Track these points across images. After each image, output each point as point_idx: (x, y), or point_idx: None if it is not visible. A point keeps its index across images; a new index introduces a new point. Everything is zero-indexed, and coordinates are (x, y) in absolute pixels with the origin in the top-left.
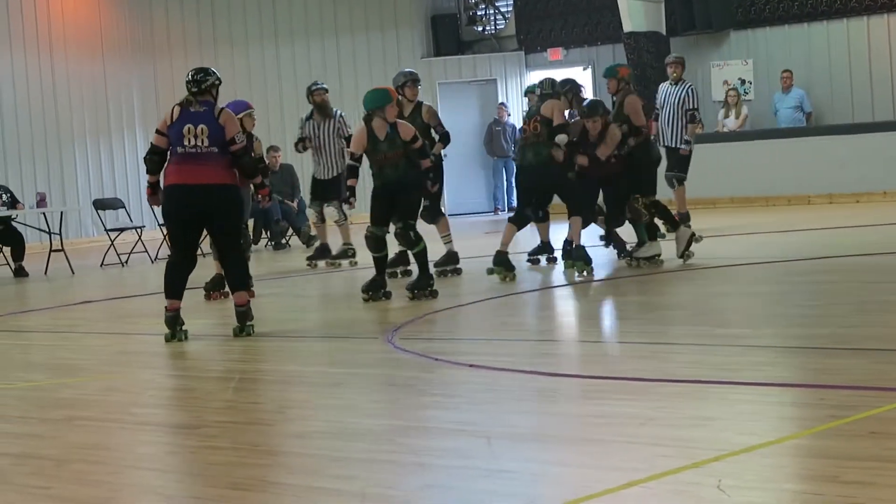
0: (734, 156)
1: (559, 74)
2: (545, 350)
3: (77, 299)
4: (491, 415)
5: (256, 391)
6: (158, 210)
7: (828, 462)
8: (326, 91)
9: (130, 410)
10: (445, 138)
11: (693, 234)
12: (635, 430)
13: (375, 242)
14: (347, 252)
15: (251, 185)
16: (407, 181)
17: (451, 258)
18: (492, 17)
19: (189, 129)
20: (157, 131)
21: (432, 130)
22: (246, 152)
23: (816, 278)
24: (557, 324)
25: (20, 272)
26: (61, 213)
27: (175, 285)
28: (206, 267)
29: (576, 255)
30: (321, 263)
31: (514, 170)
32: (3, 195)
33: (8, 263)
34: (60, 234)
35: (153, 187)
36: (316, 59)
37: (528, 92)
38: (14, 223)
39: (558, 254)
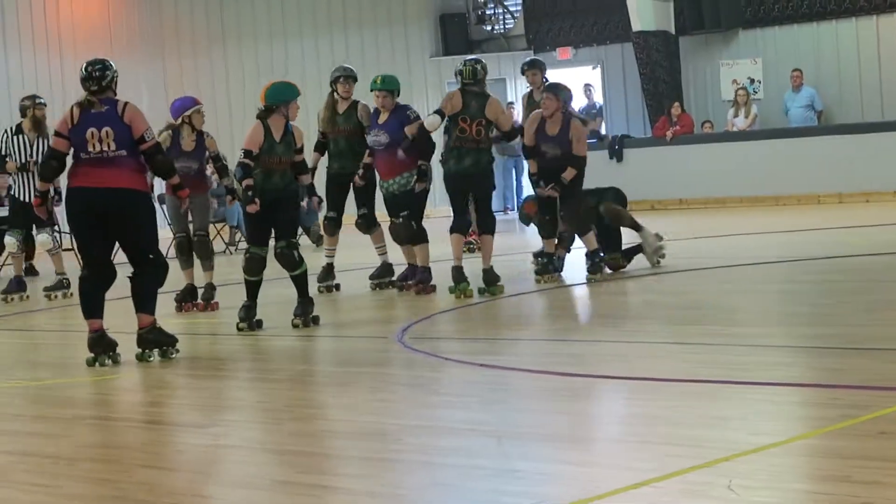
0: (743, 155)
1: (568, 74)
2: (555, 349)
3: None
4: (500, 414)
5: (265, 390)
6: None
7: (839, 462)
8: (45, 106)
9: (139, 409)
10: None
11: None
12: (646, 429)
13: (258, 265)
14: (63, 282)
15: (220, 188)
16: (290, 193)
17: (387, 270)
18: (500, 16)
19: (92, 133)
20: (57, 133)
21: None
22: (158, 151)
23: (827, 278)
24: (567, 323)
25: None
26: None
27: (91, 302)
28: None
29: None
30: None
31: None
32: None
33: None
34: (70, 233)
35: (43, 196)
36: (324, 55)
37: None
38: None
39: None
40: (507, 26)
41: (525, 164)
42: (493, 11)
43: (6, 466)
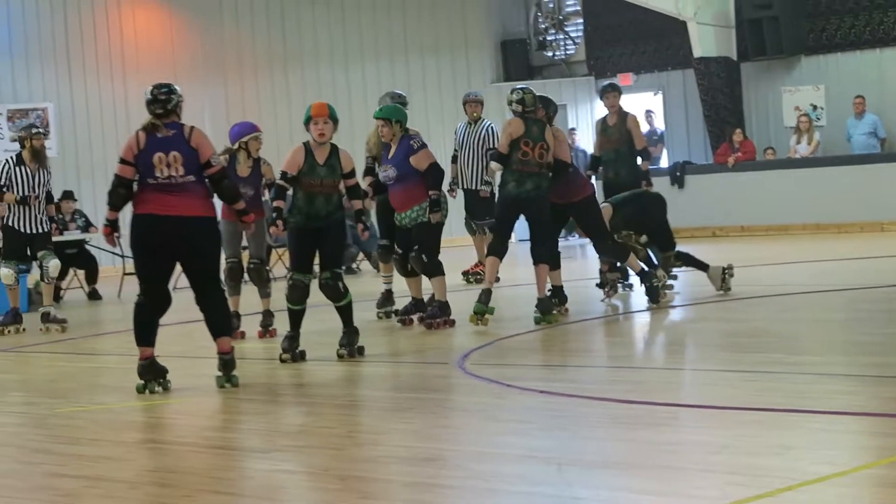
0: (806, 182)
1: (629, 99)
2: (617, 377)
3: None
4: (562, 441)
5: (327, 415)
6: None
7: None
8: (43, 136)
9: (203, 434)
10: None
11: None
12: (708, 457)
13: (300, 293)
14: (16, 317)
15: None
16: (335, 221)
17: (387, 299)
18: (562, 43)
19: (160, 157)
20: (123, 161)
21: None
22: (224, 176)
23: (890, 306)
24: (629, 350)
25: (94, 295)
26: None
27: (145, 330)
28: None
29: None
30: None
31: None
32: (78, 219)
33: (82, 286)
34: (133, 258)
35: (113, 225)
36: (385, 79)
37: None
38: (88, 246)
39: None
40: (567, 52)
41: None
42: (554, 37)
43: (78, 491)
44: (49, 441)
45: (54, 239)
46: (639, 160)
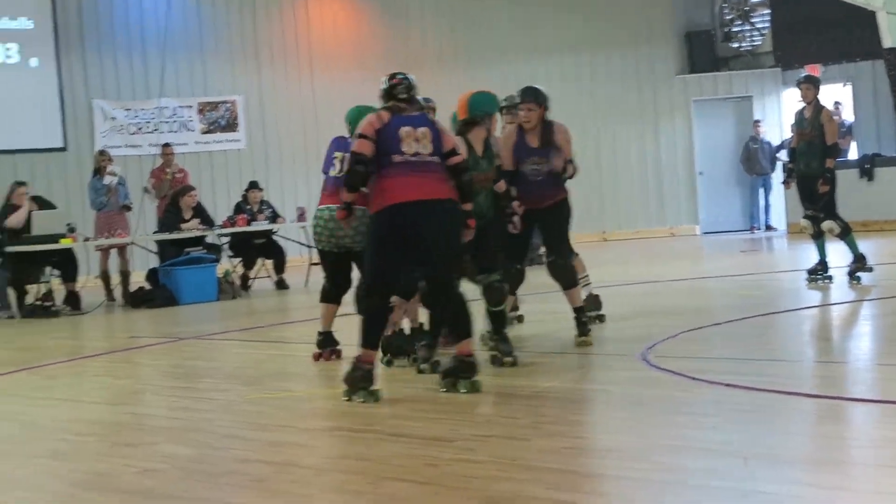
0: None
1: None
2: (804, 371)
3: (338, 312)
4: (748, 435)
5: (512, 406)
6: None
7: None
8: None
9: (388, 422)
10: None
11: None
12: None
13: (502, 293)
14: None
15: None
16: (497, 219)
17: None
18: (748, 33)
19: (408, 131)
20: (362, 136)
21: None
22: (468, 167)
23: None
24: (818, 344)
25: (281, 284)
26: None
27: (376, 332)
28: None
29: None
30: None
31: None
32: (266, 209)
33: (270, 276)
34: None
35: (349, 208)
36: (568, 74)
37: None
38: (275, 237)
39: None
40: (754, 43)
41: (773, 182)
42: (740, 28)
43: (267, 476)
44: (238, 427)
45: (242, 229)
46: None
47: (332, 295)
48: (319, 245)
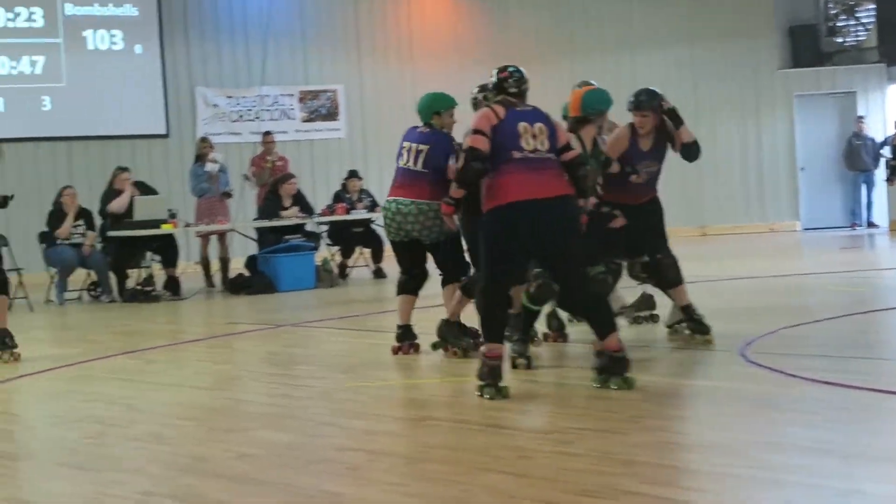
0: None
1: None
2: None
3: (436, 302)
4: (847, 434)
5: (610, 399)
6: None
7: None
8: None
9: (483, 413)
10: None
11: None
12: None
13: (606, 285)
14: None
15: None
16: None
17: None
18: (852, 29)
19: (525, 127)
20: (478, 131)
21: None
22: (584, 162)
23: None
24: None
25: (379, 273)
26: None
27: (497, 326)
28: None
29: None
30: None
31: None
32: (365, 198)
33: (368, 264)
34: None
35: (457, 204)
36: (669, 67)
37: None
38: (374, 226)
39: None
40: (858, 38)
41: (876, 178)
42: (844, 23)
43: (362, 464)
44: (334, 415)
45: (341, 217)
46: None
47: (408, 286)
48: (389, 236)
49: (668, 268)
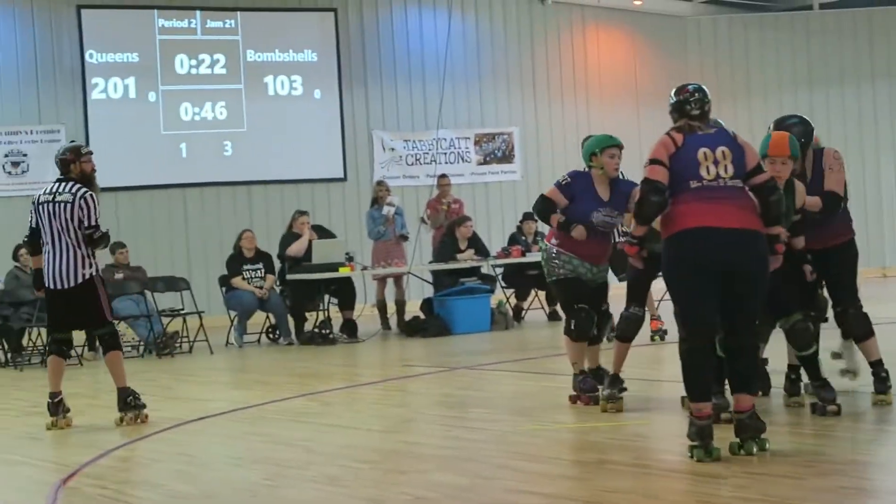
0: None
1: None
2: None
3: (610, 345)
4: None
5: (783, 443)
6: None
7: None
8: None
9: (659, 457)
10: None
11: None
12: None
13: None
14: None
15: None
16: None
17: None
18: None
19: (705, 153)
20: (654, 161)
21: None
22: (775, 187)
23: None
24: None
25: (554, 316)
26: None
27: (702, 381)
28: None
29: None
30: None
31: None
32: (540, 241)
33: (543, 307)
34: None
35: (641, 242)
36: (847, 103)
37: None
38: None
39: None
40: None
41: None
42: None
43: None
44: (510, 457)
45: (517, 260)
46: None
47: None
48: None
49: (854, 319)
